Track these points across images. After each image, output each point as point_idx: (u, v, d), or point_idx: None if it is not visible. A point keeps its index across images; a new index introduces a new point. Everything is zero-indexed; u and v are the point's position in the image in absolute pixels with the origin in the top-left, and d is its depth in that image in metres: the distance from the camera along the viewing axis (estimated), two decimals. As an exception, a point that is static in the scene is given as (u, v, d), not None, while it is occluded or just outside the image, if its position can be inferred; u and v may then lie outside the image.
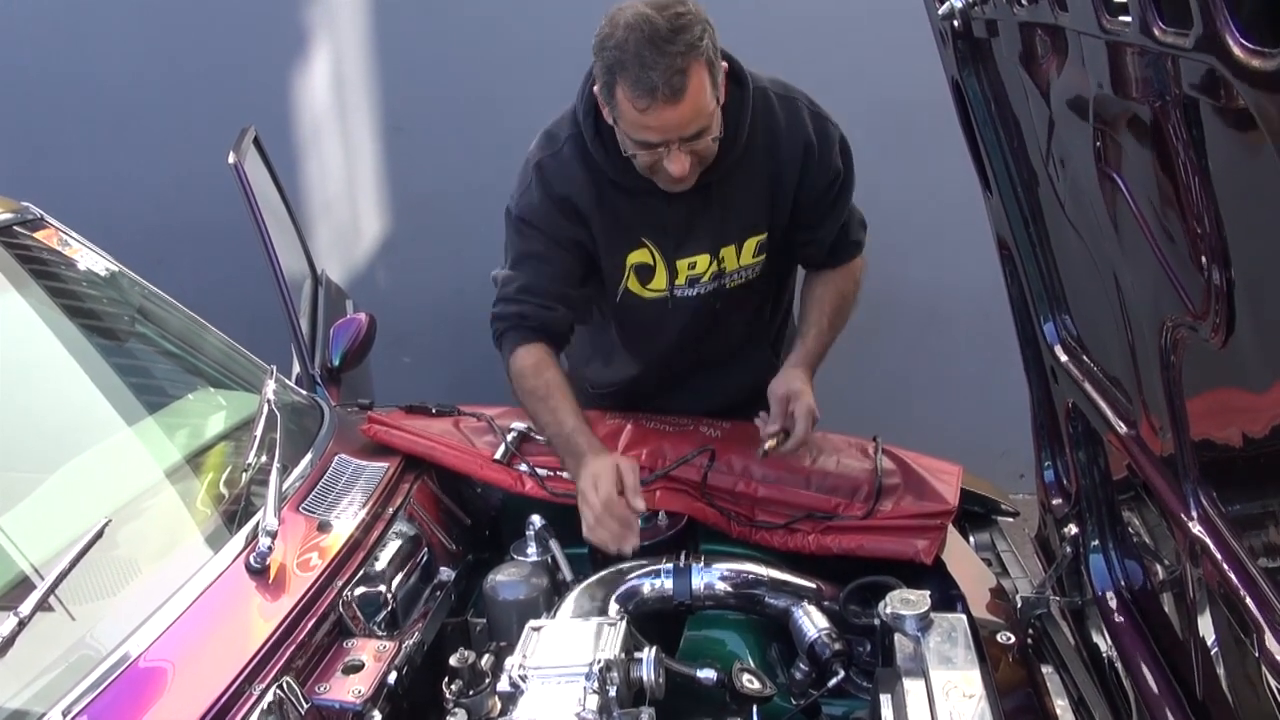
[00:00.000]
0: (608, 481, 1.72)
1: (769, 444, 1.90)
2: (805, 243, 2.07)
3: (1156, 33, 0.68)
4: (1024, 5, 1.01)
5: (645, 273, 2.00)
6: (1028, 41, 1.15)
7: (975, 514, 2.03)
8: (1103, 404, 1.35)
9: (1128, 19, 0.75)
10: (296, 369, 2.33)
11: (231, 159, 2.22)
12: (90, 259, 1.98)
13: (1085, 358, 1.44)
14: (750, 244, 2.01)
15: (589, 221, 1.94)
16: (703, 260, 1.99)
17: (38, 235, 1.91)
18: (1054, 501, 1.76)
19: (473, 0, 3.48)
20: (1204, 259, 0.82)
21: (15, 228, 1.87)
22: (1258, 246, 0.75)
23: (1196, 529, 1.04)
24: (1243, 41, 0.57)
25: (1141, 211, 0.96)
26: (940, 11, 1.10)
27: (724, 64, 1.79)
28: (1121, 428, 1.29)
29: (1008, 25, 1.18)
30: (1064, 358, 1.49)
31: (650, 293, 2.02)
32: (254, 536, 1.51)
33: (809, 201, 2.00)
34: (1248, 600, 0.94)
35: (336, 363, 2.33)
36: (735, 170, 1.92)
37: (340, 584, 1.54)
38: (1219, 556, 0.99)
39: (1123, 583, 1.49)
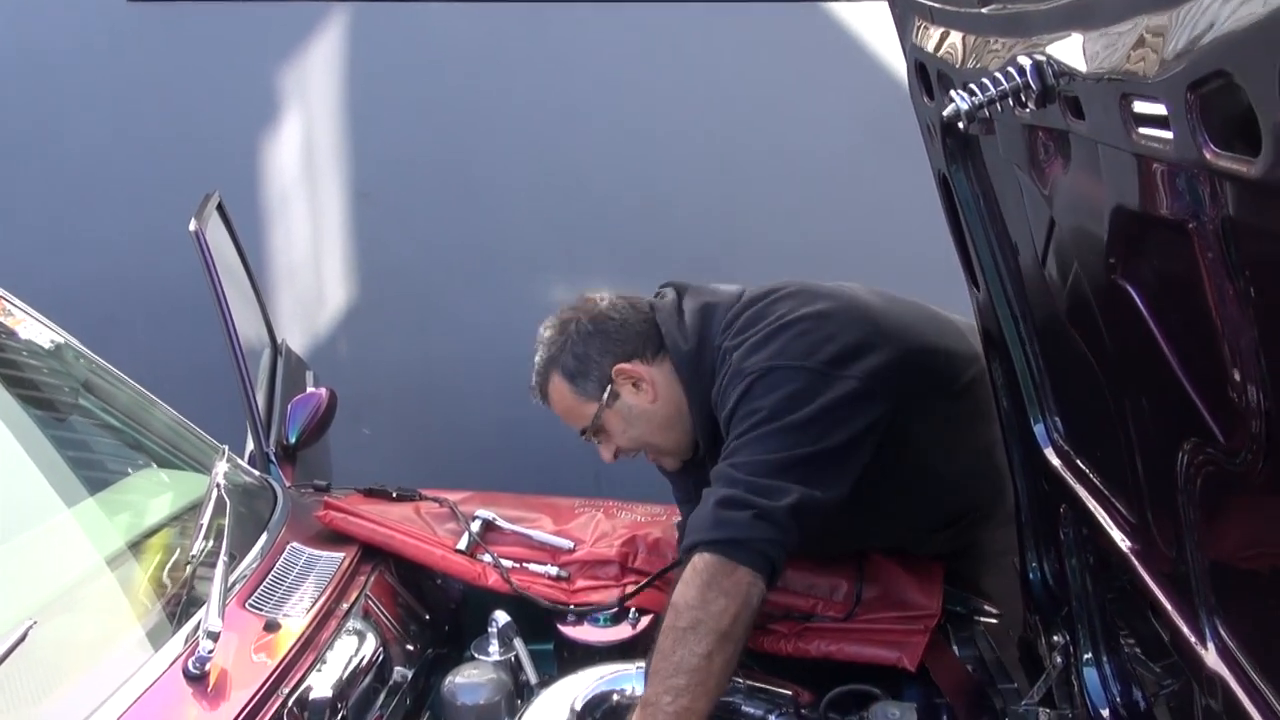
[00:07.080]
0: None
1: None
2: None
3: (1208, 156, 0.63)
4: (1029, 109, 0.97)
5: None
6: (1030, 143, 1.11)
7: (957, 614, 1.95)
8: (1100, 514, 1.29)
9: (1163, 134, 0.70)
10: (250, 446, 2.22)
11: (193, 226, 2.14)
12: (35, 329, 1.88)
13: (1080, 463, 1.38)
14: None
15: None
16: None
17: (-21, 304, 1.80)
18: (1040, 605, 1.70)
19: (443, 68, 3.45)
20: (1237, 385, 0.77)
21: (-44, 296, 1.77)
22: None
23: (1214, 662, 0.97)
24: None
25: (1160, 327, 0.91)
26: (945, 113, 1.06)
27: (626, 366, 1.74)
28: (1122, 541, 1.23)
29: (1007, 126, 1.15)
30: (1056, 461, 1.43)
31: None
32: (194, 637, 1.39)
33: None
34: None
35: (293, 440, 2.23)
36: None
37: (286, 691, 1.42)
38: (1241, 695, 0.93)
39: (1119, 699, 1.42)
